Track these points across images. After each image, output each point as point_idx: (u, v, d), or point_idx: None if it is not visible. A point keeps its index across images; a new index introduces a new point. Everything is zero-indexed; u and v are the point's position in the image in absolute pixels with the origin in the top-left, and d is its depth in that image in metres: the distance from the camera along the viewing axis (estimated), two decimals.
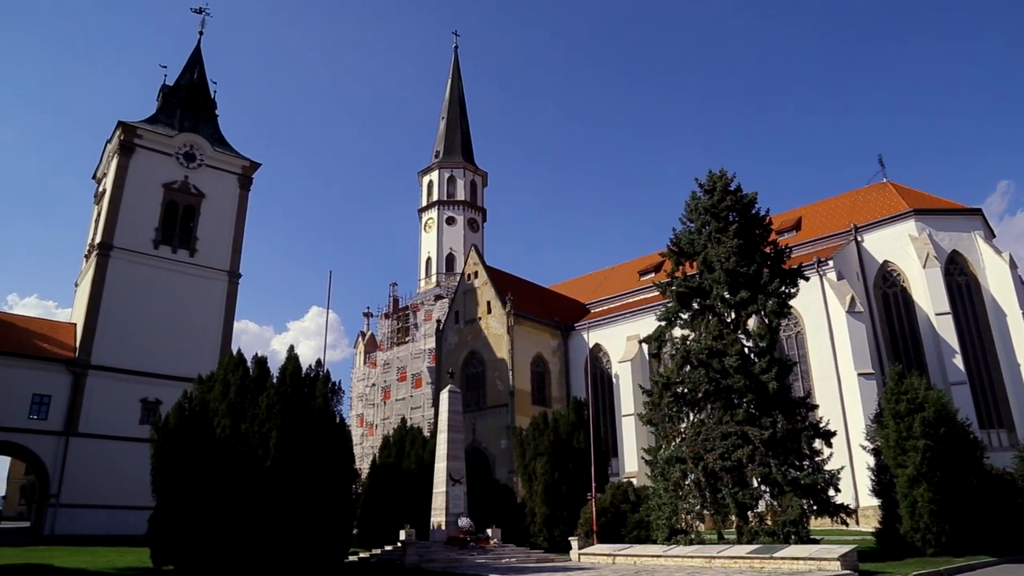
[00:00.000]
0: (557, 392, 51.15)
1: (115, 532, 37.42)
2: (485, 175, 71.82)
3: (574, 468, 31.61)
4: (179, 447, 19.85)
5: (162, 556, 19.61)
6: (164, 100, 53.61)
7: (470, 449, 39.92)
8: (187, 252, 48.67)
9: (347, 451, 22.51)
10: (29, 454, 41.77)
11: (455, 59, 76.92)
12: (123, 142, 48.23)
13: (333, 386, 22.74)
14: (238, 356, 22.23)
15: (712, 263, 25.81)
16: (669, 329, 27.07)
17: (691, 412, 25.28)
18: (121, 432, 41.68)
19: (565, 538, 27.34)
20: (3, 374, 40.07)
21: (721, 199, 26.46)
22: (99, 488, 40.16)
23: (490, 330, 51.05)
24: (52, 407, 41.23)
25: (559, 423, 33.96)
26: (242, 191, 52.51)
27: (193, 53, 57.46)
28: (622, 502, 27.65)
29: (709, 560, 19.86)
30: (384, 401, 61.08)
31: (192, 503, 18.93)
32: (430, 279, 65.79)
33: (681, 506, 23.54)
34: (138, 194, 47.74)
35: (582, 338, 50.79)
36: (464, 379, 50.21)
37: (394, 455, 34.41)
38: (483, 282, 52.86)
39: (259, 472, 19.26)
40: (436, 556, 23.20)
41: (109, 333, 43.70)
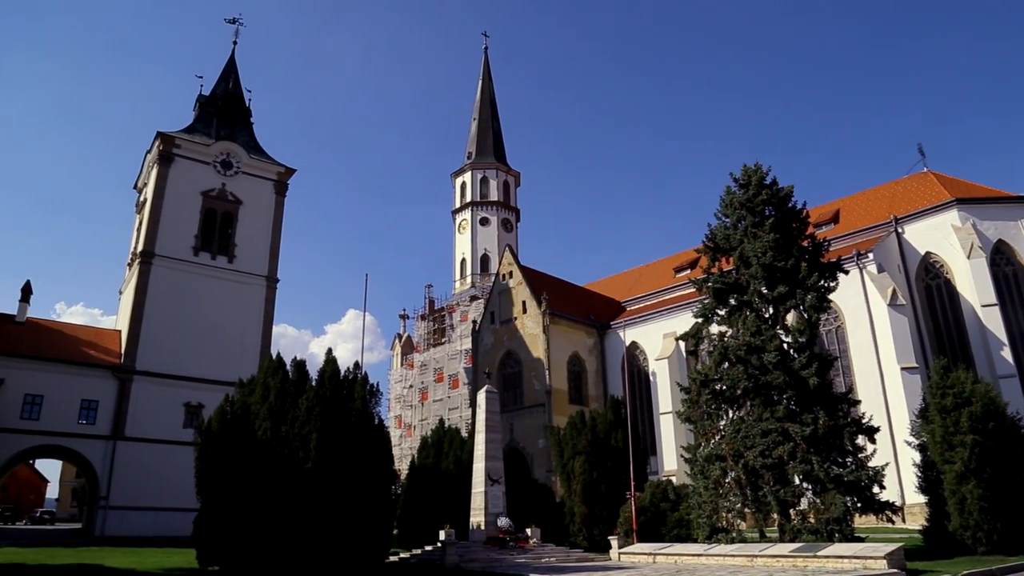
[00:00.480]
0: (594, 391, 50.96)
1: (162, 533, 38.24)
2: (518, 175, 71.83)
3: (612, 467, 31.47)
4: (222, 450, 20.23)
5: (207, 557, 20.00)
6: (201, 110, 54.60)
7: (508, 449, 39.94)
8: (226, 258, 49.48)
9: (386, 452, 22.71)
10: (79, 458, 42.88)
11: (485, 60, 77.13)
12: (162, 152, 49.23)
13: (371, 388, 22.98)
14: (277, 360, 22.58)
15: (748, 258, 25.49)
16: (706, 326, 26.82)
17: (730, 409, 25.03)
18: (165, 436, 42.55)
19: (604, 537, 27.23)
20: (53, 380, 41.21)
21: (756, 193, 26.13)
22: (145, 490, 41.07)
23: (526, 330, 51.05)
24: (100, 412, 42.28)
25: (597, 422, 33.85)
26: (278, 197, 53.23)
27: (228, 63, 58.42)
28: (661, 501, 27.46)
29: (751, 559, 19.63)
30: (422, 402, 61.41)
31: (235, 505, 19.27)
32: (465, 280, 65.99)
33: (722, 504, 23.30)
34: (178, 202, 48.68)
35: (618, 336, 50.54)
36: (501, 379, 50.27)
37: (432, 456, 34.59)
38: (518, 282, 52.88)
39: (300, 474, 19.54)
40: (476, 556, 23.27)
41: (152, 339, 44.64)
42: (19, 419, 39.98)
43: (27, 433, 40.26)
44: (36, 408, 40.55)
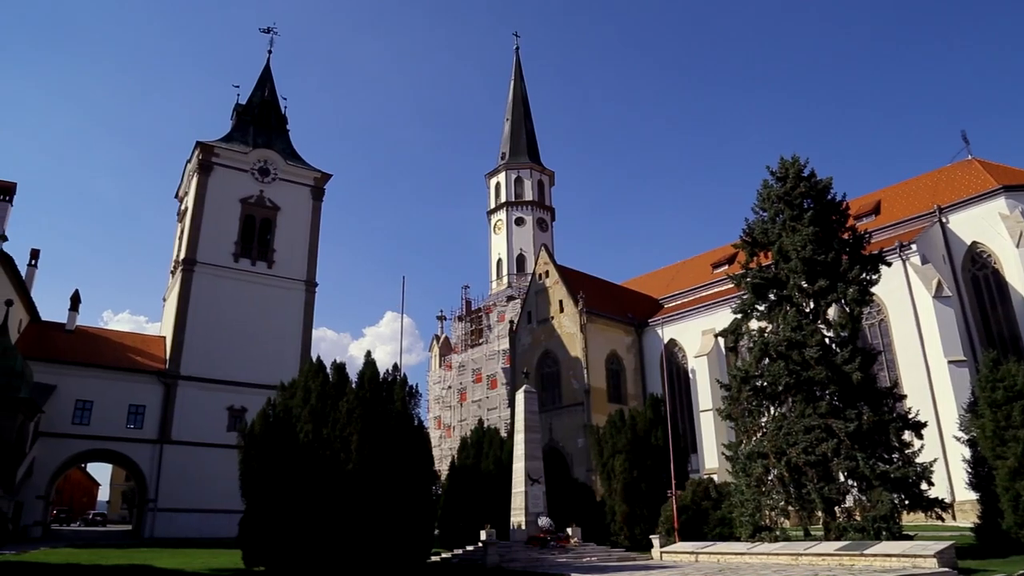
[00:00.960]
0: (633, 389, 50.68)
1: (208, 535, 39.04)
2: (552, 174, 71.72)
3: (653, 465, 31.27)
4: (265, 452, 20.53)
5: (253, 557, 20.32)
6: (238, 118, 55.59)
7: (547, 448, 39.91)
8: (265, 264, 50.27)
9: (426, 453, 22.85)
10: (128, 461, 43.97)
11: (516, 60, 77.17)
12: (201, 161, 50.21)
13: (410, 389, 23.13)
14: (318, 363, 22.86)
15: (788, 252, 25.12)
16: (745, 322, 26.49)
17: (771, 406, 24.70)
18: (210, 439, 43.41)
19: (646, 536, 27.06)
20: (103, 387, 42.35)
21: (794, 186, 25.74)
22: (191, 493, 41.98)
23: (563, 329, 50.95)
24: (147, 416, 43.33)
25: (636, 420, 33.65)
26: (315, 202, 53.92)
27: (263, 71, 59.41)
28: (703, 499, 27.21)
29: (796, 557, 19.35)
30: (460, 403, 61.68)
31: (279, 506, 19.55)
32: (501, 280, 66.09)
33: (764, 502, 22.99)
34: (217, 210, 49.62)
35: (656, 334, 50.18)
36: (539, 379, 50.25)
37: (472, 456, 34.72)
38: (554, 281, 52.81)
39: (342, 475, 19.75)
40: (517, 556, 23.29)
41: (196, 344, 45.58)
42: (71, 424, 41.18)
43: (78, 438, 41.46)
44: (86, 413, 41.71)
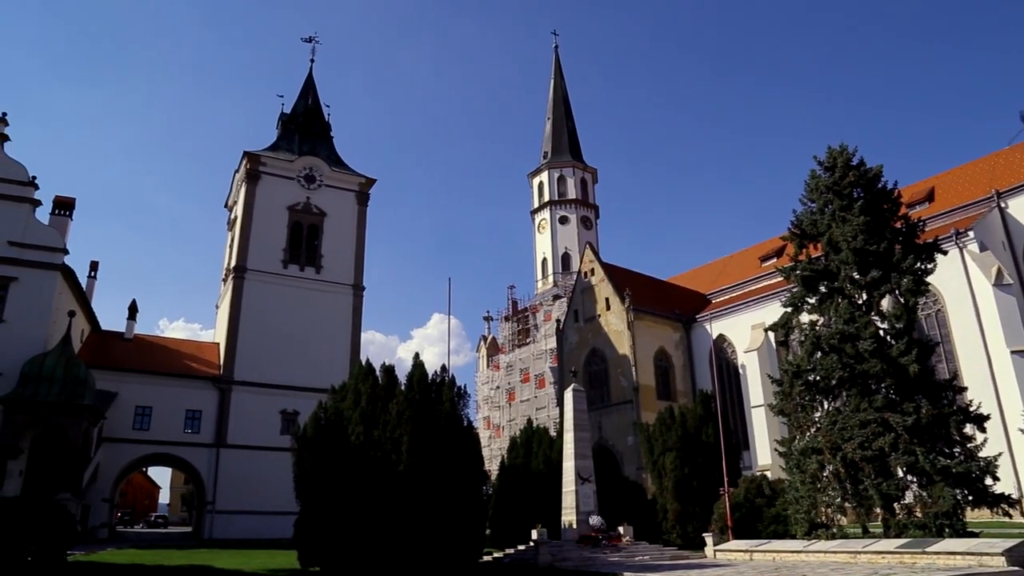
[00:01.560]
0: (682, 386, 50.16)
1: (264, 536, 39.87)
2: (595, 172, 71.38)
3: (704, 462, 30.95)
4: (317, 455, 20.89)
5: (309, 558, 20.69)
6: (283, 127, 56.67)
7: (597, 447, 39.77)
8: (313, 269, 51.10)
9: (476, 453, 22.97)
10: (186, 465, 45.16)
11: (556, 59, 76.94)
12: (249, 170, 51.28)
13: (459, 390, 23.30)
14: (367, 366, 23.17)
15: (838, 243, 24.59)
16: (796, 315, 26.04)
17: (825, 400, 24.21)
18: (264, 442, 44.30)
19: (699, 534, 26.79)
20: (161, 393, 43.58)
21: (843, 175, 25.19)
22: (247, 495, 42.91)
23: (610, 327, 50.69)
24: (203, 421, 44.44)
25: (686, 417, 33.37)
26: (360, 207, 54.61)
27: (306, 80, 60.49)
28: (756, 496, 26.83)
29: (854, 555, 18.92)
30: (509, 403, 61.81)
31: (333, 507, 19.87)
32: (547, 279, 66.02)
33: (820, 499, 22.55)
34: (266, 218, 50.62)
35: (705, 330, 49.59)
36: (587, 377, 50.08)
37: (522, 456, 34.78)
38: (600, 279, 52.56)
39: (393, 476, 19.99)
40: (569, 555, 23.26)
41: (248, 350, 46.57)
42: (131, 430, 42.45)
43: (139, 443, 42.73)
44: (146, 419, 42.96)
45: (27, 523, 18.25)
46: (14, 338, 36.18)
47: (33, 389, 35.00)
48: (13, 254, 37.76)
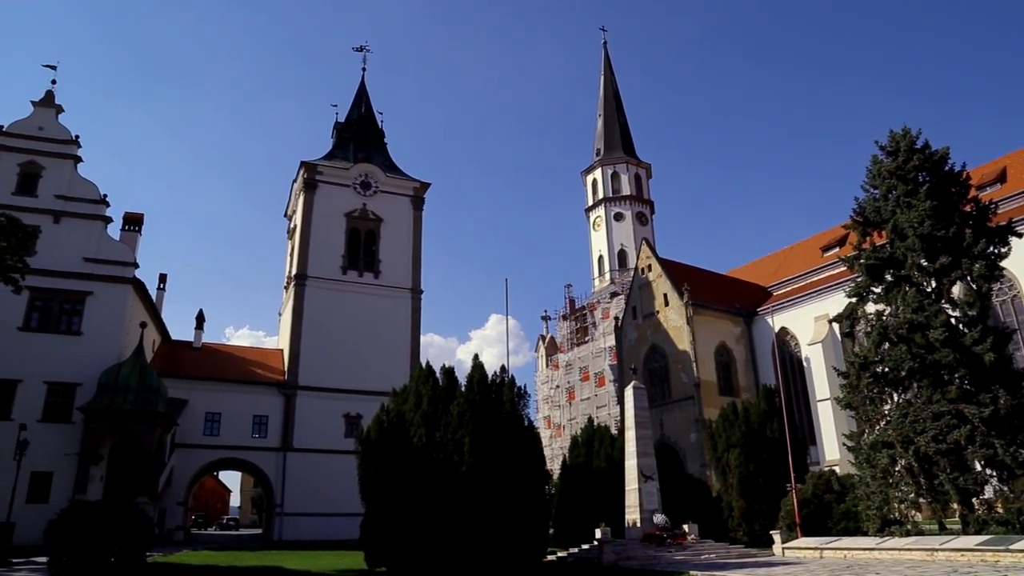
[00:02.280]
0: (744, 381, 49.27)
1: (331, 537, 40.66)
2: (648, 167, 70.68)
3: (769, 458, 30.39)
4: (381, 457, 21.21)
5: (375, 559, 21.02)
6: (338, 136, 57.74)
7: (659, 444, 39.31)
8: (372, 274, 51.85)
9: (537, 453, 23.01)
10: (255, 469, 46.37)
11: (605, 55, 76.45)
12: (307, 179, 52.38)
13: (519, 390, 23.36)
14: (427, 368, 23.43)
15: (903, 230, 23.87)
16: (861, 305, 25.37)
17: (895, 392, 23.55)
18: (329, 446, 45.14)
19: (766, 532, 26.30)
20: (230, 399, 44.85)
21: (907, 159, 24.44)
22: (314, 497, 43.80)
23: (669, 323, 50.13)
24: (270, 426, 45.54)
25: (750, 413, 32.83)
26: (416, 211, 55.21)
27: (359, 89, 61.46)
28: (825, 492, 26.17)
29: (931, 553, 18.32)
30: (569, 402, 61.68)
31: (397, 509, 20.15)
32: (604, 277, 65.65)
33: (892, 494, 21.91)
34: (324, 225, 51.59)
35: (766, 323, 48.60)
36: (647, 374, 49.62)
37: (583, 455, 34.68)
38: (657, 275, 52.03)
39: (456, 477, 20.16)
40: (633, 554, 23.10)
41: (311, 355, 47.53)
42: (202, 435, 43.80)
43: (209, 448, 44.04)
44: (216, 425, 44.26)
45: (109, 526, 19.02)
46: (91, 350, 37.92)
47: (110, 398, 36.51)
48: (88, 270, 39.54)
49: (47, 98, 42.52)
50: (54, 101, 42.54)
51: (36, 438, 31.63)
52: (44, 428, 35.32)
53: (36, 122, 41.68)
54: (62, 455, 35.61)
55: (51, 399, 37.06)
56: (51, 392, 37.16)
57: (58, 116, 42.41)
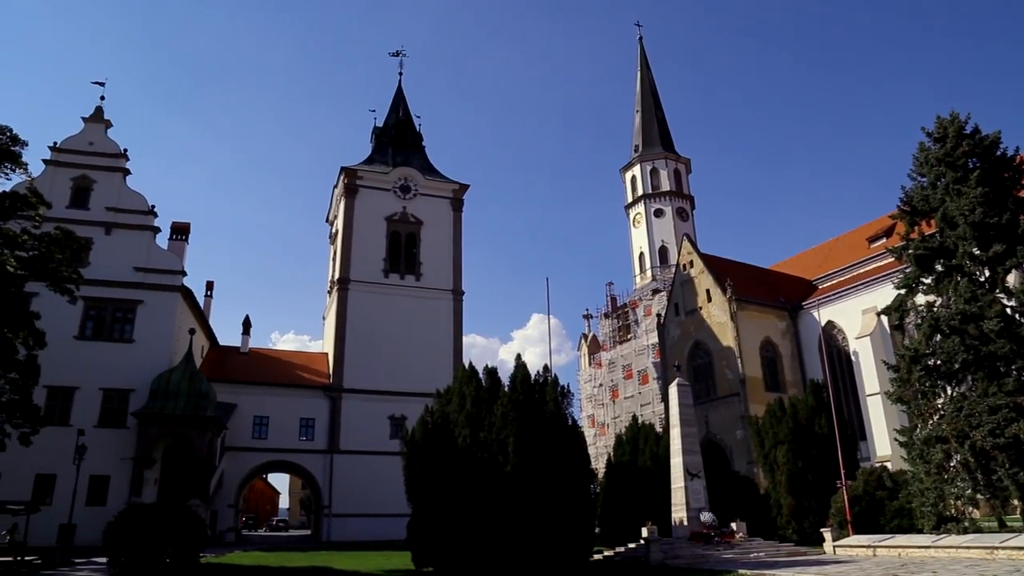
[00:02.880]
0: (791, 376, 48.49)
1: (379, 537, 41.08)
2: (688, 162, 69.96)
3: (818, 455, 29.87)
4: (426, 458, 21.39)
5: (422, 559, 21.20)
6: (376, 141, 58.34)
7: (704, 442, 38.92)
8: (413, 277, 52.25)
9: (582, 452, 22.97)
10: (303, 471, 47.11)
11: (641, 50, 75.82)
12: (347, 185, 53.03)
13: (562, 389, 23.37)
14: (470, 369, 23.56)
15: (953, 218, 23.27)
16: (910, 297, 24.81)
17: (947, 386, 22.97)
18: (375, 447, 45.59)
19: (816, 530, 25.89)
20: (276, 403, 45.60)
21: (955, 146, 23.81)
22: (361, 498, 44.28)
23: (712, 319, 49.58)
24: (316, 428, 46.18)
25: (797, 408, 32.33)
26: (455, 213, 55.48)
27: (396, 93, 62.04)
28: (877, 489, 25.63)
29: (991, 551, 17.80)
30: (613, 400, 61.40)
31: (443, 509, 20.29)
32: (645, 274, 65.17)
33: (948, 491, 21.36)
34: (365, 230, 52.14)
35: (812, 317, 47.72)
36: (691, 371, 49.14)
37: (628, 453, 34.54)
38: (699, 271, 51.49)
39: (501, 477, 20.23)
40: (681, 552, 22.93)
41: (355, 358, 48.06)
42: (251, 438, 44.60)
43: (258, 451, 44.84)
44: (264, 428, 45.03)
45: (164, 528, 19.55)
46: (143, 357, 39.00)
47: (162, 403, 37.47)
48: (138, 279, 40.64)
49: (96, 114, 43.84)
50: (103, 116, 43.85)
51: (93, 443, 32.60)
52: (100, 433, 36.42)
53: (87, 137, 43.02)
54: (118, 459, 36.72)
55: (106, 405, 38.25)
56: (106, 398, 38.35)
57: (107, 131, 43.72)
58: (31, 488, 34.86)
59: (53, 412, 36.17)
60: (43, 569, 23.42)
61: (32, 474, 35.10)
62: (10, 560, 24.58)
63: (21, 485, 34.47)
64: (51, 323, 27.63)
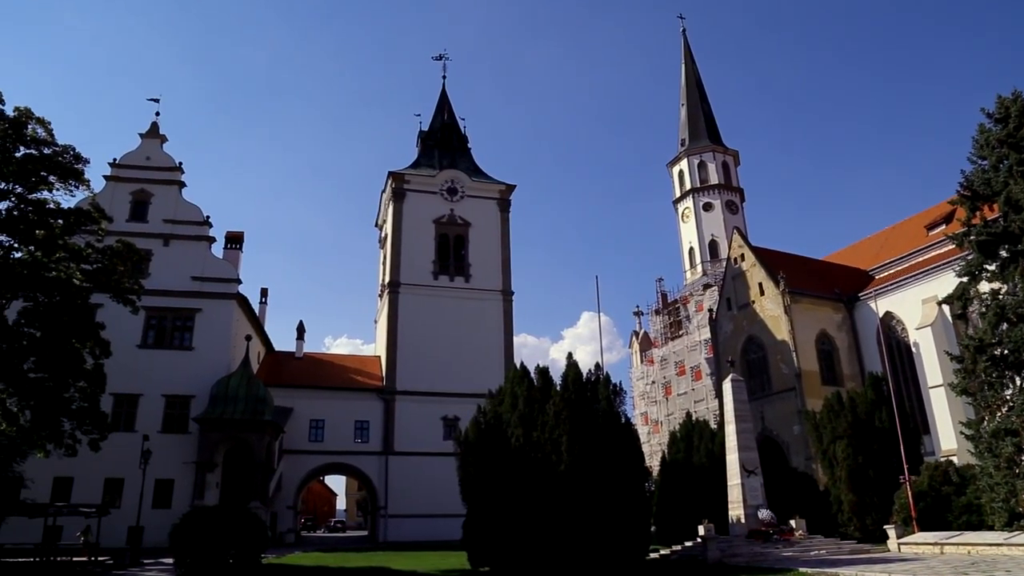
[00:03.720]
0: (848, 369, 47.35)
1: (434, 538, 41.46)
2: (736, 154, 68.90)
3: (879, 449, 29.18)
4: (480, 458, 21.51)
5: (478, 559, 21.33)
6: (423, 144, 58.91)
7: (760, 438, 38.31)
8: (463, 278, 52.57)
9: (636, 450, 22.82)
10: (359, 472, 47.82)
11: (684, 43, 74.95)
12: (395, 189, 53.65)
13: (614, 387, 23.26)
14: (522, 369, 23.62)
15: (1018, 201, 22.48)
16: (973, 285, 24.03)
17: (1016, 376, 22.18)
18: (429, 448, 46.02)
19: (879, 527, 25.27)
20: (331, 406, 46.38)
21: (1018, 125, 22.99)
22: (416, 499, 44.75)
23: (766, 312, 48.74)
24: (371, 430, 46.81)
25: (856, 402, 31.63)
26: (503, 213, 55.65)
27: (440, 97, 62.52)
28: (943, 484, 24.90)
29: None
30: (666, 397, 60.86)
31: (498, 509, 20.38)
32: (695, 269, 64.40)
33: (1020, 485, 20.62)
34: (414, 233, 52.67)
35: (869, 308, 46.53)
36: (745, 366, 48.37)
37: (683, 450, 34.22)
38: (751, 264, 50.67)
39: (555, 476, 20.23)
40: (739, 550, 22.62)
41: (408, 361, 48.58)
42: (308, 441, 45.45)
43: (315, 453, 45.66)
44: (320, 431, 45.85)
45: (227, 529, 20.08)
46: (202, 363, 40.19)
47: (222, 408, 38.51)
48: (196, 288, 41.88)
49: (152, 129, 45.31)
50: (159, 132, 45.29)
51: (158, 448, 33.58)
52: (164, 438, 37.56)
53: (144, 152, 44.53)
54: (181, 463, 37.88)
55: (169, 411, 39.52)
56: (169, 404, 39.63)
57: (163, 145, 45.13)
58: (101, 491, 36.23)
59: (119, 419, 37.55)
60: (114, 569, 24.33)
61: (101, 478, 36.46)
62: (85, 560, 25.72)
63: (92, 489, 35.95)
64: (115, 333, 28.60)
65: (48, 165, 24.41)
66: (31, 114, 24.17)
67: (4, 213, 24.09)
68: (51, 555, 25.95)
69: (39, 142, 24.36)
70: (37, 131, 24.33)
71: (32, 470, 27.02)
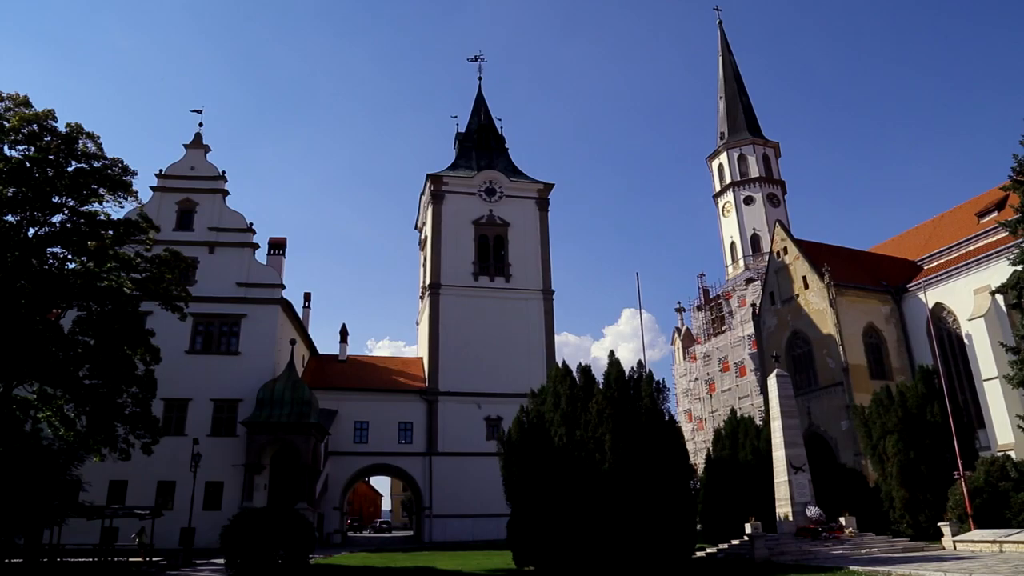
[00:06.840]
0: (897, 363, 46.29)
1: (479, 537, 41.70)
2: (776, 146, 67.85)
3: (931, 444, 28.44)
4: (523, 457, 21.56)
5: (523, 558, 21.38)
6: (460, 146, 59.22)
7: (807, 434, 37.68)
8: (503, 279, 52.69)
9: (680, 447, 22.66)
10: (403, 473, 48.25)
11: (721, 35, 74.07)
12: (434, 191, 54.01)
13: (657, 385, 23.12)
14: (564, 368, 23.60)
15: None
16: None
17: None
18: (472, 448, 46.25)
19: (932, 524, 24.67)
20: (375, 408, 46.90)
21: None
22: (460, 499, 45.02)
23: (810, 306, 47.91)
24: (414, 432, 47.20)
25: (906, 396, 30.89)
26: (541, 213, 55.65)
27: (476, 98, 62.86)
28: (1000, 480, 24.20)
29: None
30: (710, 394, 60.25)
31: (542, 508, 20.39)
32: (737, 264, 63.62)
33: None
34: (453, 234, 52.97)
35: (918, 299, 45.43)
36: (790, 361, 47.62)
37: (728, 447, 33.85)
38: (794, 257, 49.85)
39: (598, 475, 20.18)
40: (787, 548, 22.31)
41: (450, 362, 48.88)
42: (352, 443, 46.03)
43: (360, 455, 46.21)
44: (364, 433, 46.39)
45: (276, 530, 20.47)
46: (248, 368, 41.01)
47: (268, 412, 39.21)
48: (241, 294, 42.75)
49: (196, 140, 46.35)
50: (202, 142, 46.31)
51: (207, 451, 34.43)
52: (213, 442, 38.43)
53: (188, 163, 45.57)
54: (230, 466, 38.68)
55: (217, 415, 40.41)
56: (217, 408, 40.51)
57: (206, 155, 46.12)
58: (154, 494, 37.18)
59: (170, 423, 38.49)
60: (168, 569, 24.96)
61: (154, 481, 37.43)
62: (140, 561, 26.46)
63: (145, 492, 36.94)
64: (164, 339, 29.39)
65: (98, 178, 25.17)
66: (82, 129, 24.95)
67: (58, 226, 24.92)
68: (109, 556, 26.82)
69: (89, 156, 25.15)
70: (87, 145, 25.11)
71: (89, 473, 27.98)
